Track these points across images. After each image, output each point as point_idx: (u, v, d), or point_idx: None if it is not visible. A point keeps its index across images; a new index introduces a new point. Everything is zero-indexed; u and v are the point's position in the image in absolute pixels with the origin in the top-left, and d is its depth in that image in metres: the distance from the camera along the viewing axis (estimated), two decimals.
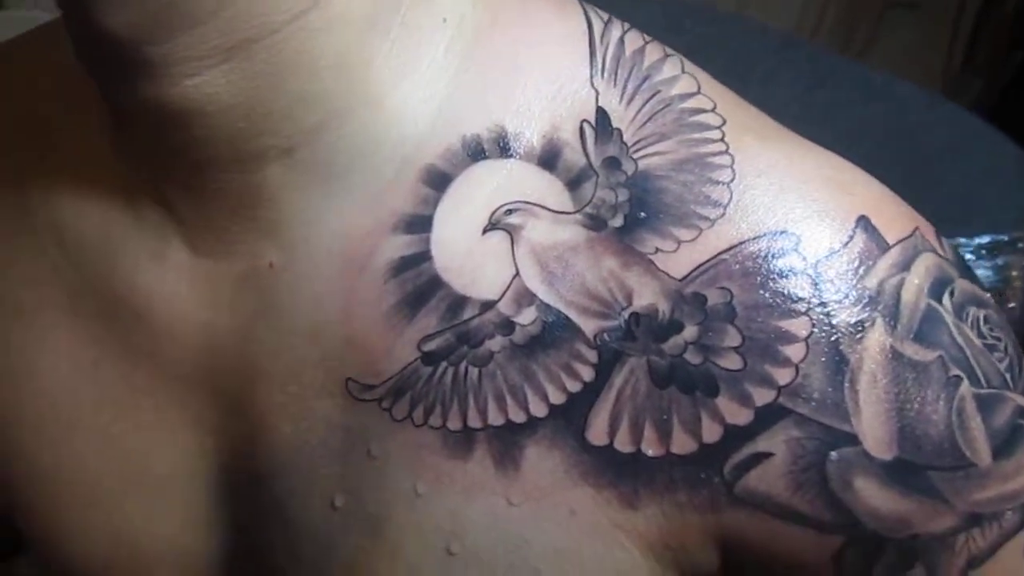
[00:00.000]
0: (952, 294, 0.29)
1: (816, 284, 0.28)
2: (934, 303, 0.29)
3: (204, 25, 0.27)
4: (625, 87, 0.31)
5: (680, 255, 0.29)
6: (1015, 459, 0.29)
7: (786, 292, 0.28)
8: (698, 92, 0.32)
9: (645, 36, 0.33)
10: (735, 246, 0.28)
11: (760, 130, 0.31)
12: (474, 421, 0.30)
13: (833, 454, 0.28)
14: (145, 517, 0.37)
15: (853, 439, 0.27)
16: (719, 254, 0.28)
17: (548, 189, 0.30)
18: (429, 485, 0.30)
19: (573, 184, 0.30)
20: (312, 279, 0.31)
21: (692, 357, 0.28)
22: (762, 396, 0.28)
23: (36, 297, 0.37)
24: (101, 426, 0.36)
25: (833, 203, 0.29)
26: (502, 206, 0.30)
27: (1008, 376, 0.30)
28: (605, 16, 0.33)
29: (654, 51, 0.32)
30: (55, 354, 0.36)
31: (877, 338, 0.28)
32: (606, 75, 0.31)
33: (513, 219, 0.30)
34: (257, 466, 0.34)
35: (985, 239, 0.56)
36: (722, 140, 0.30)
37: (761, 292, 0.28)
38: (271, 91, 0.29)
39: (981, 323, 0.30)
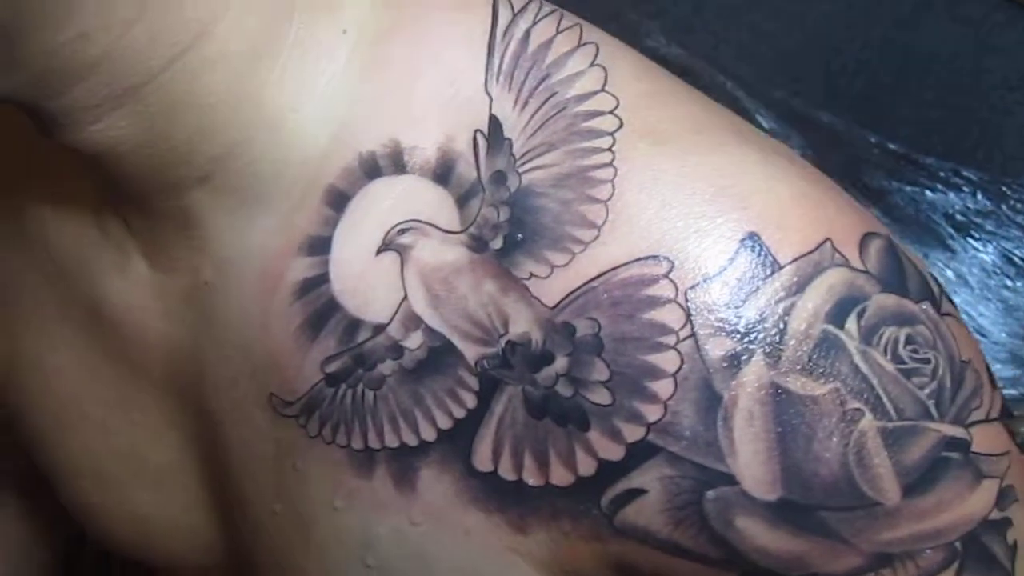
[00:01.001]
0: (861, 315, 0.26)
1: (688, 314, 0.26)
2: (832, 329, 0.26)
3: (87, 80, 0.28)
4: (520, 90, 0.29)
5: (553, 281, 0.27)
6: (934, 495, 0.26)
7: (654, 324, 0.26)
8: (601, 90, 0.29)
9: (565, 22, 0.31)
10: (605, 273, 0.27)
11: (663, 132, 0.28)
12: (373, 442, 0.30)
13: (710, 493, 0.26)
14: (151, 502, 0.41)
15: (730, 479, 0.26)
16: (589, 281, 0.27)
17: (440, 206, 0.29)
18: (343, 500, 0.31)
19: (462, 200, 0.29)
20: (239, 296, 0.33)
21: (563, 389, 0.27)
22: (632, 432, 0.26)
23: (37, 301, 0.40)
24: (102, 422, 0.40)
25: (718, 219, 0.26)
26: (395, 226, 0.30)
27: (932, 403, 0.26)
28: (518, 7, 0.31)
29: (564, 42, 0.30)
30: (58, 354, 0.40)
31: (754, 373, 0.25)
32: (502, 78, 0.30)
33: (404, 239, 0.29)
34: (223, 463, 0.36)
35: None
36: (609, 150, 0.28)
37: (629, 324, 0.26)
38: (170, 128, 0.30)
39: (900, 345, 0.26)
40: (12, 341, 0.41)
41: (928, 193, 0.54)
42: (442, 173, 0.29)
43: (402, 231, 0.29)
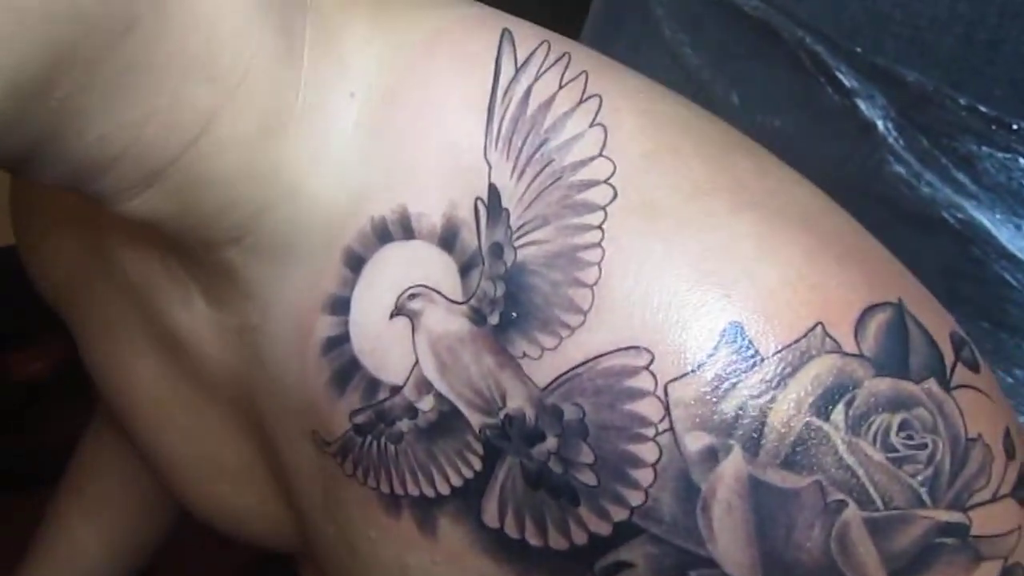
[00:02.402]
0: (850, 404, 0.26)
1: (667, 408, 0.26)
2: (816, 421, 0.26)
3: (115, 169, 0.30)
4: (518, 157, 0.30)
5: (543, 363, 0.28)
6: None
7: (634, 415, 0.27)
8: (599, 155, 0.29)
9: (570, 72, 0.30)
10: (590, 360, 0.27)
11: (656, 203, 0.28)
12: (398, 489, 0.33)
13: (692, 573, 0.27)
14: (233, 494, 0.45)
15: (711, 563, 0.27)
16: (575, 367, 0.27)
17: (444, 273, 0.30)
18: (377, 533, 0.34)
19: (464, 270, 0.30)
20: (280, 344, 0.35)
21: (555, 467, 0.28)
22: (617, 513, 0.27)
23: (124, 317, 0.44)
24: (185, 427, 0.44)
25: (700, 309, 0.26)
26: (406, 290, 0.31)
27: (925, 490, 0.26)
28: (523, 58, 0.31)
29: (566, 99, 0.30)
30: (146, 363, 0.44)
31: (733, 467, 0.26)
32: (500, 144, 0.30)
33: (414, 304, 0.31)
34: (285, 478, 0.40)
35: None
36: (599, 227, 0.28)
37: (610, 413, 0.27)
38: (197, 202, 0.32)
39: (893, 432, 0.26)
40: (109, 359, 0.46)
41: (1022, 160, 0.50)
42: (447, 239, 0.30)
43: (412, 296, 0.31)
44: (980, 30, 0.49)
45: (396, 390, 0.31)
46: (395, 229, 0.31)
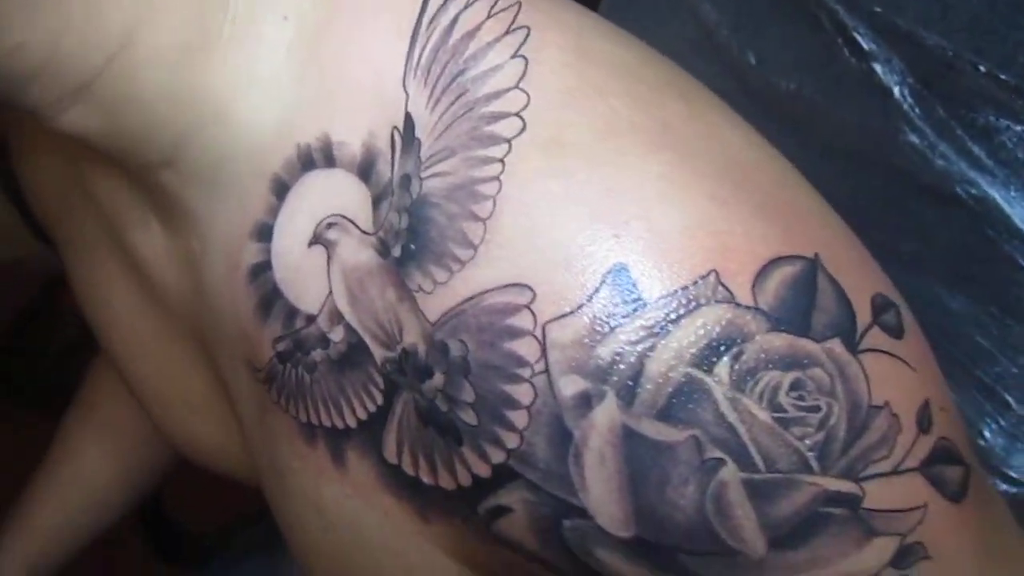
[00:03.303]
0: (737, 357, 0.24)
1: (544, 349, 0.25)
2: (697, 373, 0.24)
3: (39, 80, 0.30)
4: (435, 87, 0.29)
5: (435, 297, 0.27)
6: (808, 550, 0.25)
7: (512, 355, 0.26)
8: (515, 87, 0.28)
9: (500, 5, 0.29)
10: (476, 296, 0.26)
11: (565, 140, 0.27)
12: (313, 418, 0.32)
13: (567, 523, 0.26)
14: (201, 424, 0.46)
15: (584, 512, 0.26)
16: (462, 303, 0.27)
17: (361, 204, 0.30)
18: (299, 463, 0.34)
19: (376, 201, 0.29)
20: (217, 269, 0.35)
21: (441, 404, 0.28)
22: (495, 455, 0.27)
23: (99, 246, 0.45)
24: (155, 356, 0.45)
25: (588, 248, 0.25)
26: (323, 219, 0.31)
27: (813, 455, 0.24)
28: None
29: (491, 29, 0.29)
30: (119, 292, 0.45)
31: (606, 415, 0.25)
32: (419, 73, 0.29)
33: (330, 234, 0.30)
34: (235, 409, 0.40)
35: None
36: (501, 160, 0.27)
37: (491, 351, 0.26)
38: (124, 120, 0.32)
39: (783, 391, 0.24)
40: (89, 282, 0.47)
41: None
42: (365, 169, 0.30)
43: (329, 225, 0.30)
44: None
45: (311, 320, 0.31)
46: (318, 157, 0.30)
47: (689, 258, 0.24)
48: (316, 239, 0.30)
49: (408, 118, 0.29)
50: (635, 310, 0.24)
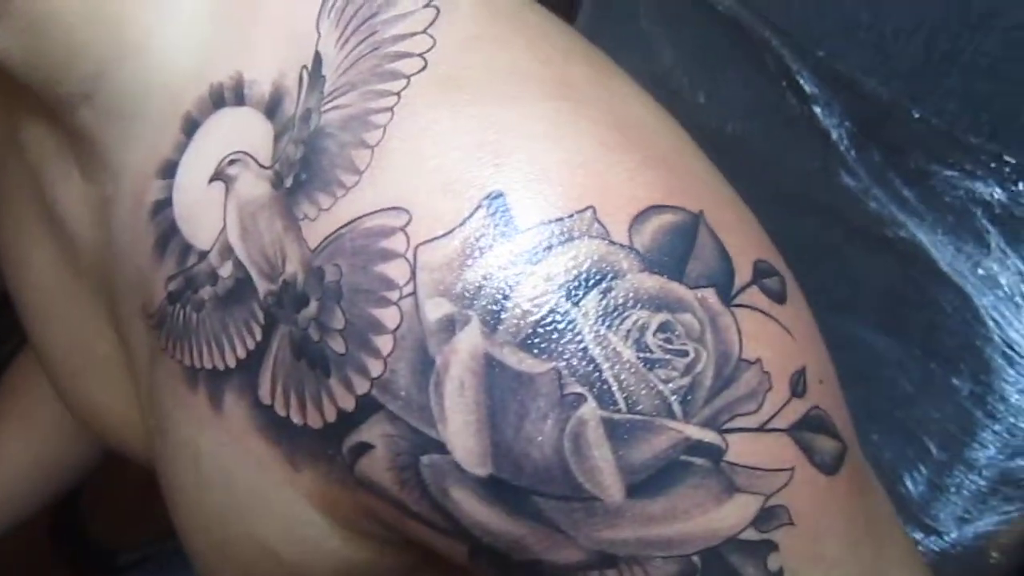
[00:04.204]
0: (606, 293, 0.24)
1: (413, 272, 0.25)
2: (564, 304, 0.24)
3: None
4: (346, 27, 0.29)
5: (317, 224, 0.27)
6: (666, 500, 0.24)
7: (382, 277, 0.25)
8: (423, 32, 0.28)
9: None
10: (355, 220, 0.26)
11: (463, 79, 0.27)
12: (196, 361, 0.31)
13: (424, 459, 0.25)
14: (102, 392, 0.45)
15: (441, 447, 0.25)
16: (341, 227, 0.26)
17: (263, 140, 0.30)
18: (180, 411, 0.33)
19: (278, 137, 0.29)
20: (125, 209, 0.35)
21: (313, 333, 0.27)
22: (360, 385, 0.26)
23: (23, 201, 0.44)
24: (64, 316, 0.44)
25: (466, 175, 0.25)
26: (227, 156, 0.30)
27: (676, 399, 0.24)
28: None
29: None
30: (38, 250, 0.44)
31: (469, 340, 0.24)
32: (333, 13, 0.29)
33: (231, 170, 0.30)
34: (132, 370, 0.39)
35: None
36: (398, 94, 0.27)
37: (363, 274, 0.25)
38: (43, 44, 0.32)
39: (651, 331, 0.24)
40: (10, 239, 0.46)
41: (967, 179, 0.47)
42: (272, 108, 0.29)
43: (231, 162, 0.30)
44: (941, 39, 0.47)
45: (203, 256, 0.30)
46: (229, 95, 0.30)
47: (567, 192, 0.24)
48: (217, 175, 0.30)
49: (317, 56, 0.29)
50: (507, 236, 0.24)
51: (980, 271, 0.46)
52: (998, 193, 0.45)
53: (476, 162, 0.25)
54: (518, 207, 0.24)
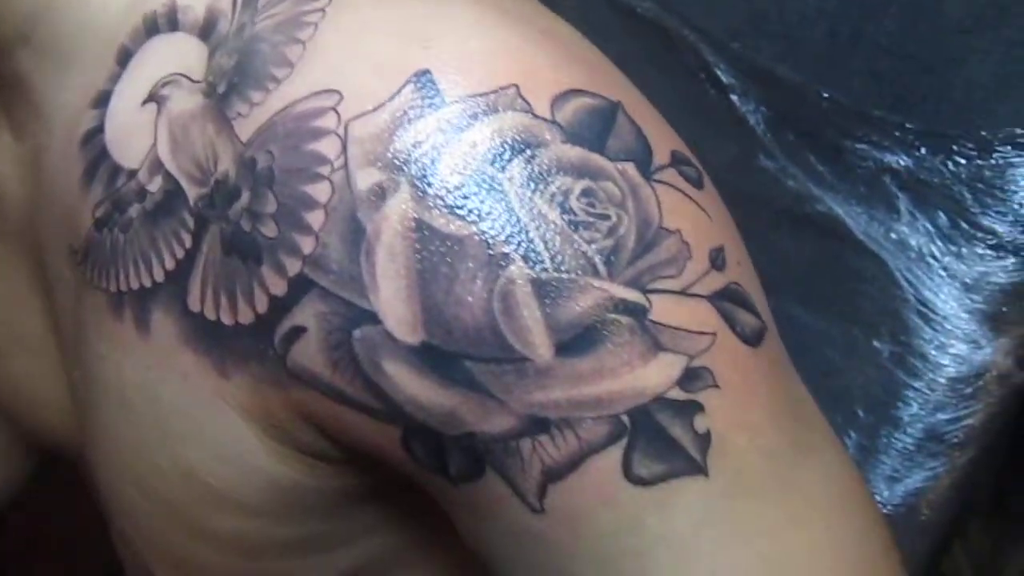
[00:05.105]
0: (530, 160, 0.25)
1: (344, 145, 0.25)
2: (490, 169, 0.25)
3: None
4: None
5: (250, 119, 0.28)
6: (594, 358, 0.24)
7: (314, 154, 0.26)
8: None
9: None
10: (288, 106, 0.27)
11: None
12: (123, 284, 0.31)
13: (357, 332, 0.25)
14: (30, 373, 0.43)
15: (374, 317, 0.25)
16: (274, 115, 0.27)
17: (198, 61, 0.30)
18: (105, 345, 0.32)
19: (212, 53, 0.30)
20: (59, 152, 0.35)
21: (245, 223, 0.27)
22: (292, 266, 0.26)
23: None
24: None
25: (395, 57, 0.26)
26: (161, 79, 0.31)
27: (600, 259, 0.25)
28: None
29: None
30: None
31: (399, 206, 0.25)
32: None
33: (164, 91, 0.31)
34: (58, 335, 0.38)
35: (1018, 131, 0.44)
36: None
37: (295, 155, 0.26)
38: None
39: (574, 196, 0.25)
40: None
41: (876, 150, 0.50)
42: (206, 30, 0.30)
43: (164, 84, 0.30)
44: (843, 25, 0.51)
45: (132, 174, 0.31)
46: (163, 23, 0.31)
47: (492, 72, 0.26)
48: (150, 97, 0.30)
49: None
50: (435, 107, 0.25)
51: (893, 235, 0.49)
52: (904, 160, 0.48)
53: (404, 45, 0.26)
54: (445, 82, 0.25)
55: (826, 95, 0.52)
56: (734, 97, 0.55)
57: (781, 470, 0.26)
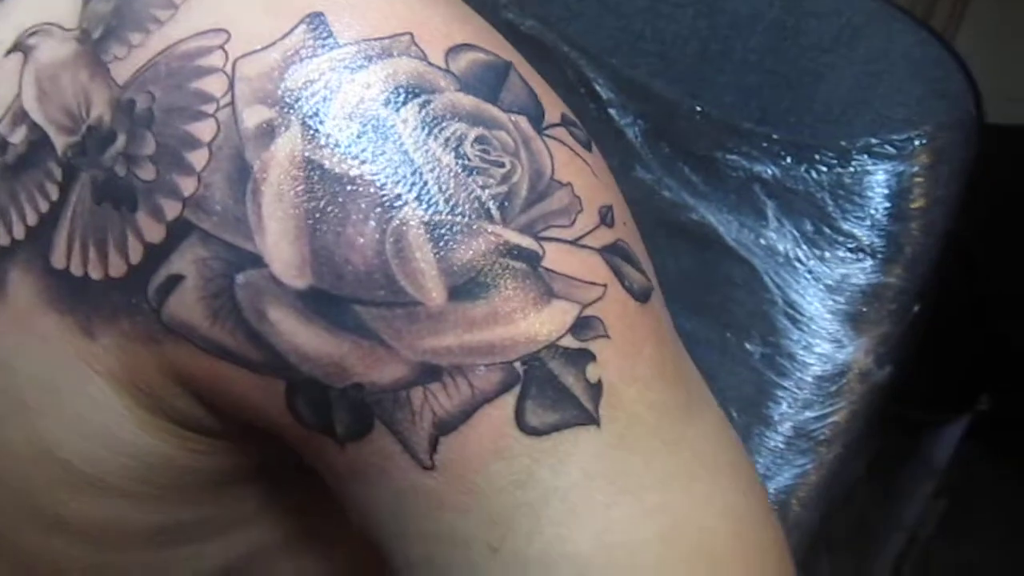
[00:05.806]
0: (424, 105, 0.25)
1: (232, 83, 0.24)
2: (385, 111, 0.24)
3: None
4: None
5: (128, 61, 0.26)
6: (487, 303, 0.24)
7: (199, 93, 0.25)
8: None
9: None
10: (170, 47, 0.25)
11: None
12: None
13: (239, 277, 0.24)
14: None
15: (258, 260, 0.24)
16: (155, 56, 0.26)
17: (70, 11, 0.29)
18: None
19: (86, 2, 0.28)
20: None
21: (120, 169, 0.26)
22: (171, 209, 0.25)
23: None
24: None
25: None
26: (28, 28, 0.29)
27: (494, 204, 0.25)
28: None
29: None
30: None
31: (288, 144, 0.24)
32: None
33: (31, 40, 0.29)
34: None
35: (873, 140, 0.47)
36: None
37: (177, 93, 0.25)
38: None
39: (468, 142, 0.25)
40: None
41: (745, 160, 0.52)
42: None
43: (32, 33, 0.29)
44: (714, 43, 0.53)
45: None
46: None
47: (386, 18, 0.25)
48: (15, 47, 0.29)
49: None
50: (328, 48, 0.25)
51: (762, 241, 0.51)
52: (771, 169, 0.51)
53: None
54: (339, 24, 0.25)
55: (699, 109, 0.54)
56: (612, 111, 0.57)
57: (670, 424, 0.26)
